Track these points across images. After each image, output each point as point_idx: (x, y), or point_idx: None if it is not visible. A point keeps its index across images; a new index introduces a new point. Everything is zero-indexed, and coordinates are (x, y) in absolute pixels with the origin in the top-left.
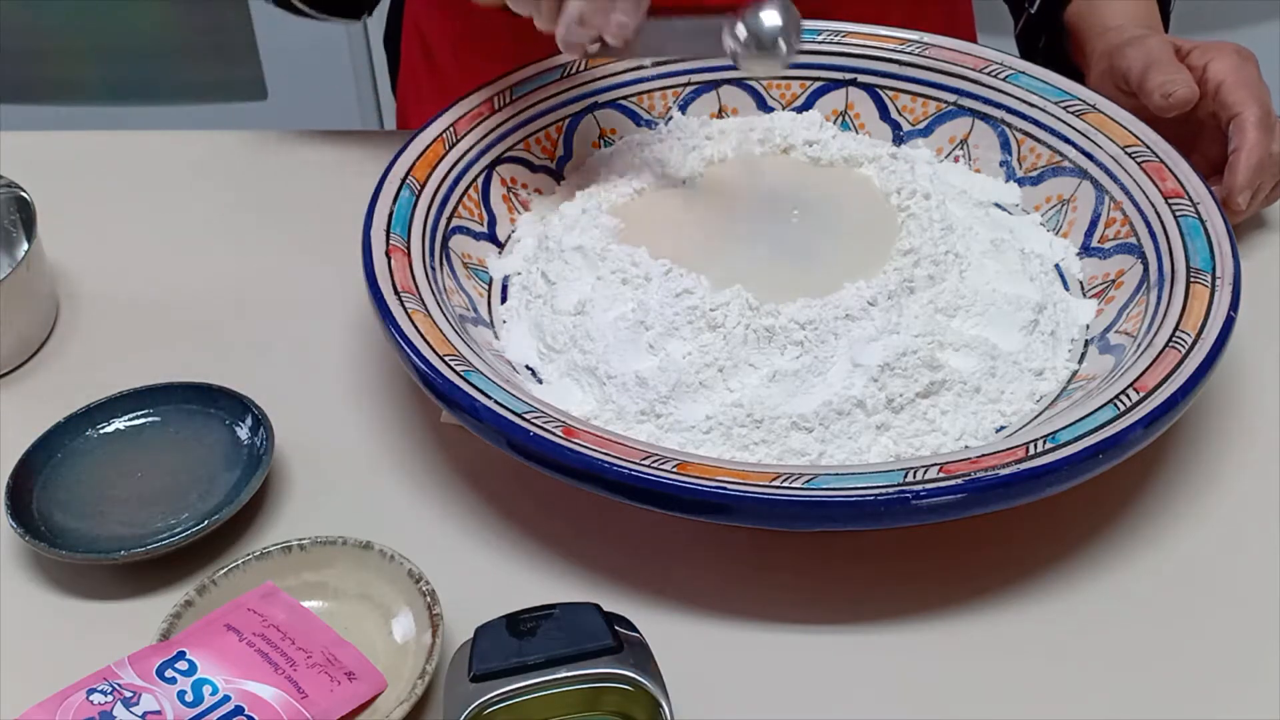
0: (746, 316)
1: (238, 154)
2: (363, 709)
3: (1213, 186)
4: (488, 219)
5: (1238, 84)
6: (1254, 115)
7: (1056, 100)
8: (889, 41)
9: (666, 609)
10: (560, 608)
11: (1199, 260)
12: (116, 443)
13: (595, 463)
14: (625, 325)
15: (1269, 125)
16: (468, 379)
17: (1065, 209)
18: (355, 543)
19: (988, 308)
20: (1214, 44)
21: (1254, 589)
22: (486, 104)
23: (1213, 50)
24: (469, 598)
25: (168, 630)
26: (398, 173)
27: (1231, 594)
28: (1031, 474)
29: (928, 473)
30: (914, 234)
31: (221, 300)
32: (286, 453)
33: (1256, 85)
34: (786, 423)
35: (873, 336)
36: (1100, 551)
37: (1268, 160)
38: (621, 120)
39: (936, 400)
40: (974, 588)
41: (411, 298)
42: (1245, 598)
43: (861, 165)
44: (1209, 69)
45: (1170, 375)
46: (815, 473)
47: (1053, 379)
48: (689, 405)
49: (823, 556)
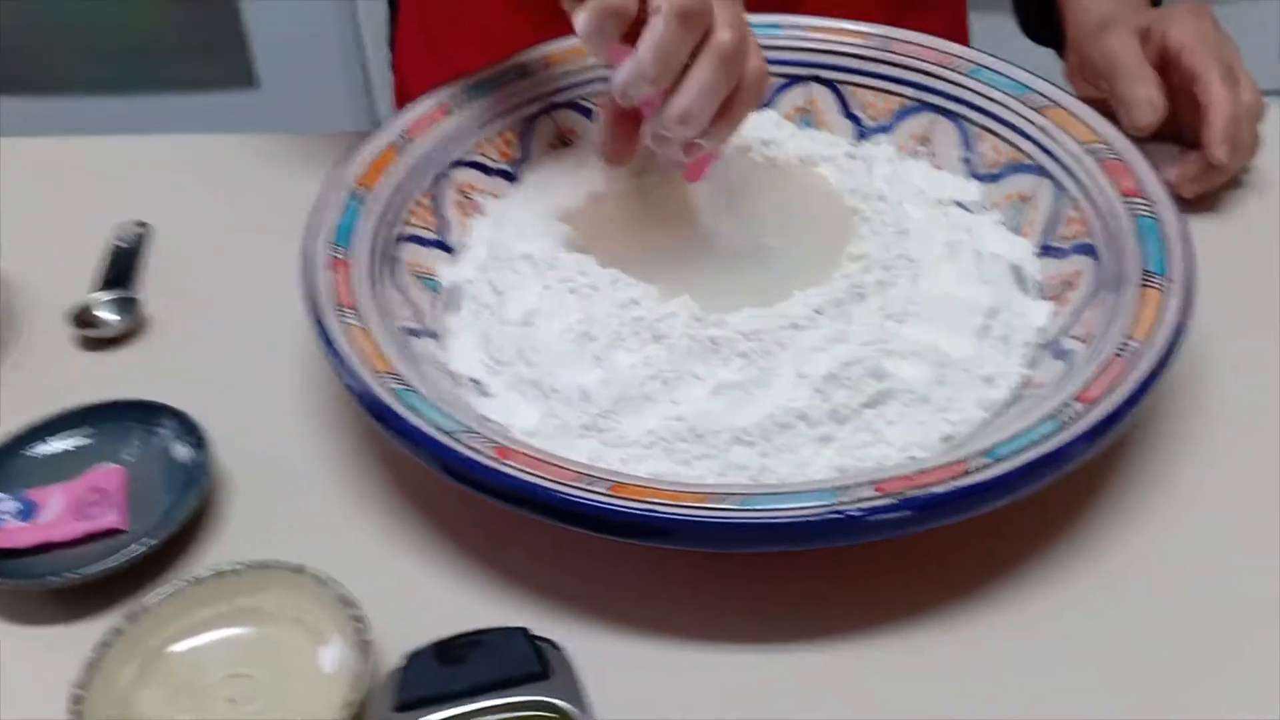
0: (692, 327)
1: (186, 159)
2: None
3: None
4: (440, 225)
5: (1196, 45)
6: (1215, 73)
7: (1017, 95)
8: (850, 37)
9: (605, 630)
10: (489, 633)
11: (1153, 263)
12: (53, 465)
13: (526, 485)
14: (571, 337)
15: (1232, 79)
16: (402, 398)
17: (1025, 207)
18: (288, 567)
19: (939, 313)
20: (1170, 10)
21: (1211, 595)
22: (440, 108)
23: (1169, 17)
24: (406, 621)
25: (96, 659)
26: (346, 181)
27: (1188, 602)
28: (969, 491)
29: (862, 491)
30: (866, 238)
31: (166, 314)
32: (230, 470)
33: (1214, 41)
34: (728, 437)
35: (819, 346)
36: (1053, 560)
37: (1238, 111)
38: (580, 120)
39: (882, 411)
40: (917, 601)
41: (351, 312)
42: (1202, 605)
43: (818, 165)
44: (1168, 38)
45: (1116, 386)
46: (748, 493)
47: (1003, 386)
48: (631, 419)
49: (762, 573)
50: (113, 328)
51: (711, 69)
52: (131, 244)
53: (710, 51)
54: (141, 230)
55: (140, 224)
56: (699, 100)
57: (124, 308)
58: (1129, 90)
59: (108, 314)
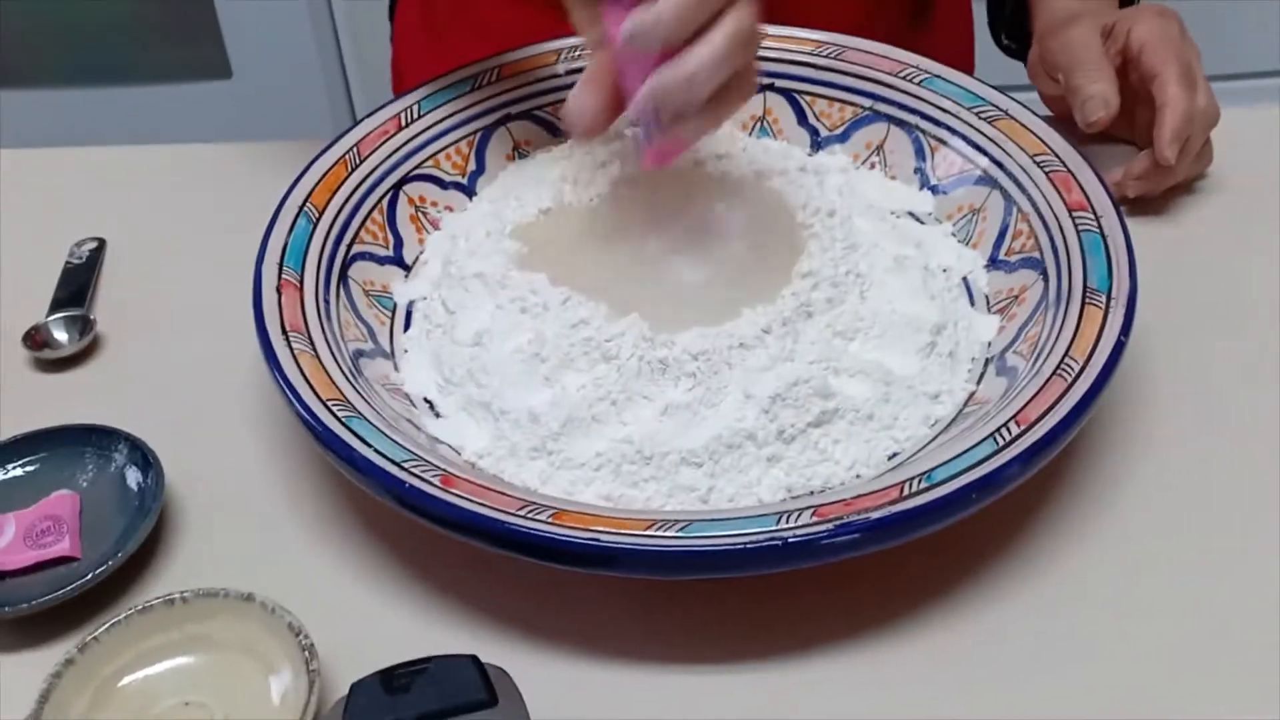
0: (641, 348)
1: (132, 172)
2: None
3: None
4: (394, 242)
5: (1158, 45)
6: (1173, 72)
7: (970, 106)
8: (805, 45)
9: (554, 655)
10: (436, 661)
11: (1096, 279)
12: (6, 491)
13: (470, 515)
14: (521, 358)
15: (1190, 81)
16: (349, 425)
17: (976, 219)
18: (237, 595)
19: (886, 330)
20: (1137, 9)
21: (1149, 611)
22: (393, 120)
23: (1134, 16)
24: (356, 648)
25: (47, 691)
26: (295, 200)
27: (1130, 614)
28: (906, 516)
29: (801, 516)
30: (814, 255)
31: (121, 333)
32: (183, 494)
33: (1177, 43)
34: (676, 458)
35: (766, 366)
36: (998, 574)
37: (1192, 113)
38: (536, 131)
39: (829, 429)
40: (867, 619)
41: (300, 337)
42: (1141, 621)
43: (771, 179)
44: (1131, 35)
45: (1053, 407)
46: (690, 519)
47: (949, 402)
48: (580, 441)
49: (710, 595)
50: (66, 348)
51: (726, 40)
52: (86, 261)
53: (728, 22)
54: (96, 247)
55: (96, 240)
56: (709, 66)
57: (78, 327)
58: (1084, 84)
59: (61, 334)
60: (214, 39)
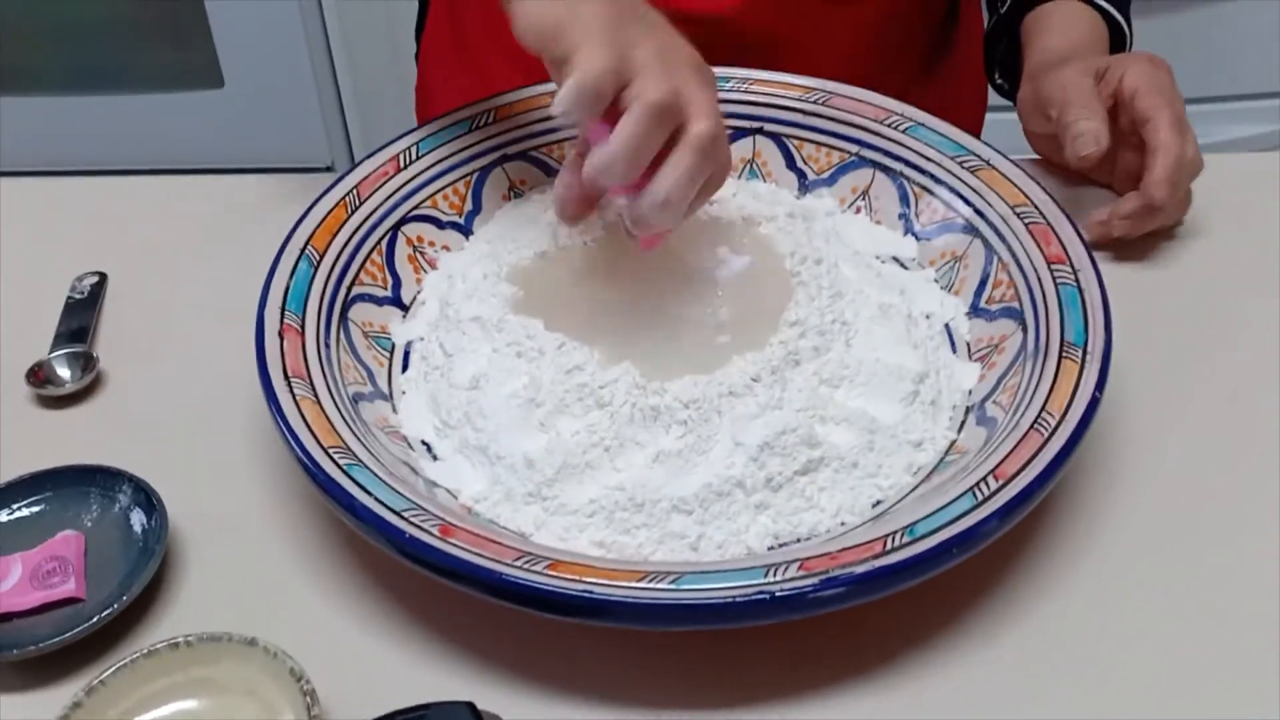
0: (633, 395)
1: (132, 203)
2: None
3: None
4: (392, 283)
5: (1150, 91)
6: (1166, 119)
7: (953, 155)
8: (794, 90)
9: (549, 702)
10: (434, 707)
11: (1072, 333)
12: (11, 532)
13: (468, 565)
14: (517, 403)
15: (1181, 128)
16: (350, 473)
17: (958, 266)
18: (240, 639)
19: (870, 378)
20: (1129, 56)
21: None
22: (392, 162)
23: (1127, 61)
24: (354, 694)
25: None
26: (296, 243)
27: (1106, 664)
28: (889, 570)
29: (788, 570)
30: (802, 304)
31: (124, 370)
32: (186, 535)
33: (1169, 92)
34: (667, 505)
35: (755, 413)
36: (975, 621)
37: (1183, 159)
38: (532, 171)
39: (815, 477)
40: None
41: (301, 383)
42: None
43: (760, 225)
44: (1124, 80)
45: (1030, 461)
46: (681, 571)
47: (931, 450)
48: (574, 488)
49: (703, 643)
50: (69, 385)
51: (690, 159)
52: (88, 296)
53: (689, 141)
54: (97, 281)
55: (98, 274)
56: (678, 189)
57: (80, 364)
58: (1077, 120)
59: (64, 370)
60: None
